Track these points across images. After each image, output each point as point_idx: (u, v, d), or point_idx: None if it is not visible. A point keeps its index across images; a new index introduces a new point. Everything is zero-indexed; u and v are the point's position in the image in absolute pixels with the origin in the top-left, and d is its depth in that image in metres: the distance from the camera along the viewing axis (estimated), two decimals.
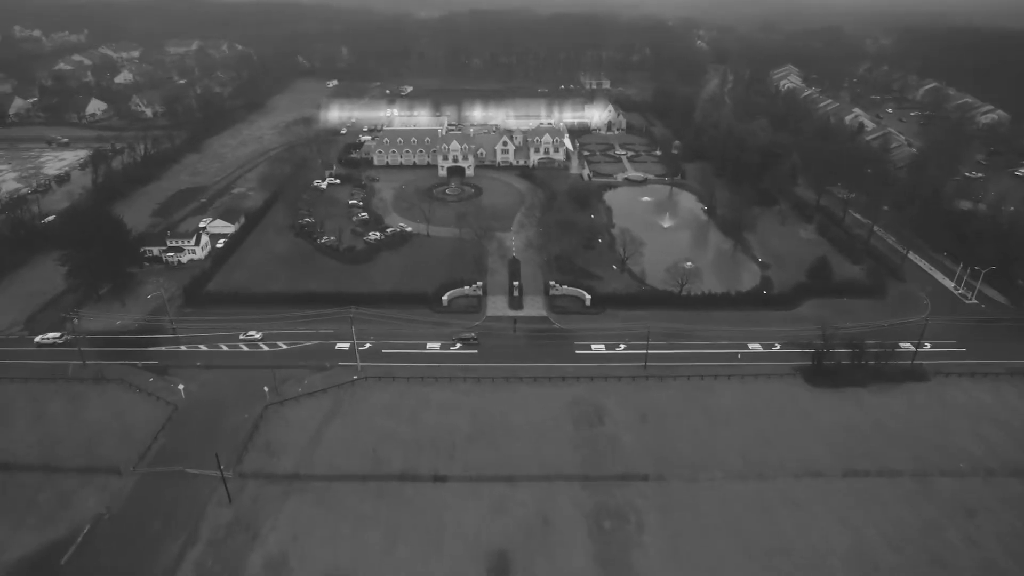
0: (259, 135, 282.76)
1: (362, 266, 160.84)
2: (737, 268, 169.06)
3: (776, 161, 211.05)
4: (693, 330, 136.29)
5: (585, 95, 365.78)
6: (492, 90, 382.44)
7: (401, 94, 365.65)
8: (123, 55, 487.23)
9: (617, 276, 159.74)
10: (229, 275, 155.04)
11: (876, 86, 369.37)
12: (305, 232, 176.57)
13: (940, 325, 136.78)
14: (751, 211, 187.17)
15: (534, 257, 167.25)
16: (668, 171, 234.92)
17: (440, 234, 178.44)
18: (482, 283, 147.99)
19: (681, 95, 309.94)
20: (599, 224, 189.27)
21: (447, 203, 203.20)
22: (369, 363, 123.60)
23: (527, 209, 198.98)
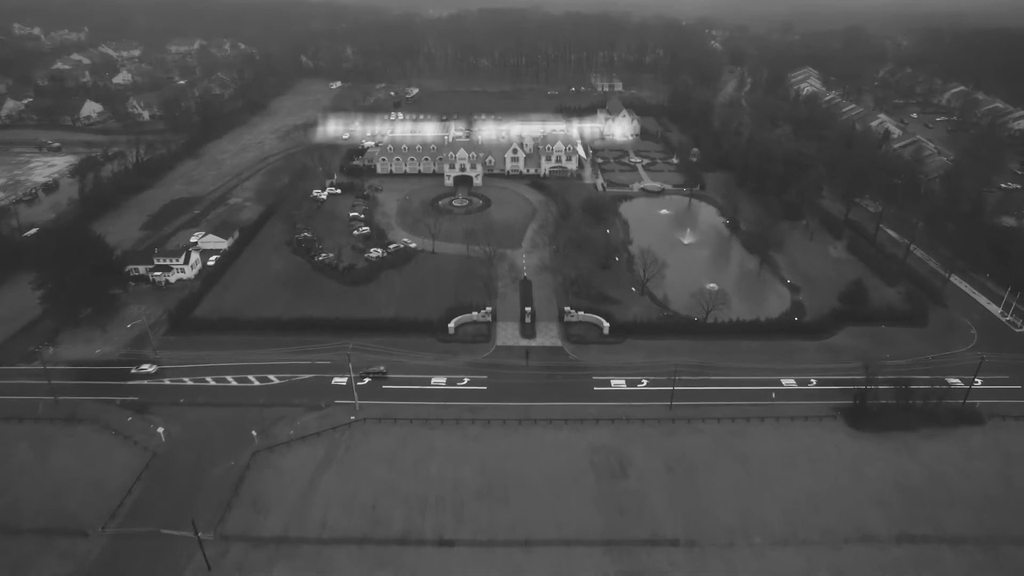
0: (260, 140, 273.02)
1: (363, 287, 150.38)
2: (763, 290, 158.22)
3: (802, 172, 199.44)
4: (721, 363, 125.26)
5: (597, 97, 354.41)
6: (500, 92, 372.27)
7: (407, 96, 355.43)
8: (123, 54, 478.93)
9: (637, 299, 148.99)
10: (220, 297, 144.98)
11: (899, 90, 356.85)
12: (303, 248, 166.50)
13: (990, 358, 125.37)
14: (778, 227, 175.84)
15: (547, 278, 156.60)
16: (687, 181, 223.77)
17: (446, 250, 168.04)
18: (491, 308, 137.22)
19: (698, 99, 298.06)
20: (615, 240, 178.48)
21: (454, 215, 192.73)
22: (368, 401, 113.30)
23: (539, 224, 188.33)
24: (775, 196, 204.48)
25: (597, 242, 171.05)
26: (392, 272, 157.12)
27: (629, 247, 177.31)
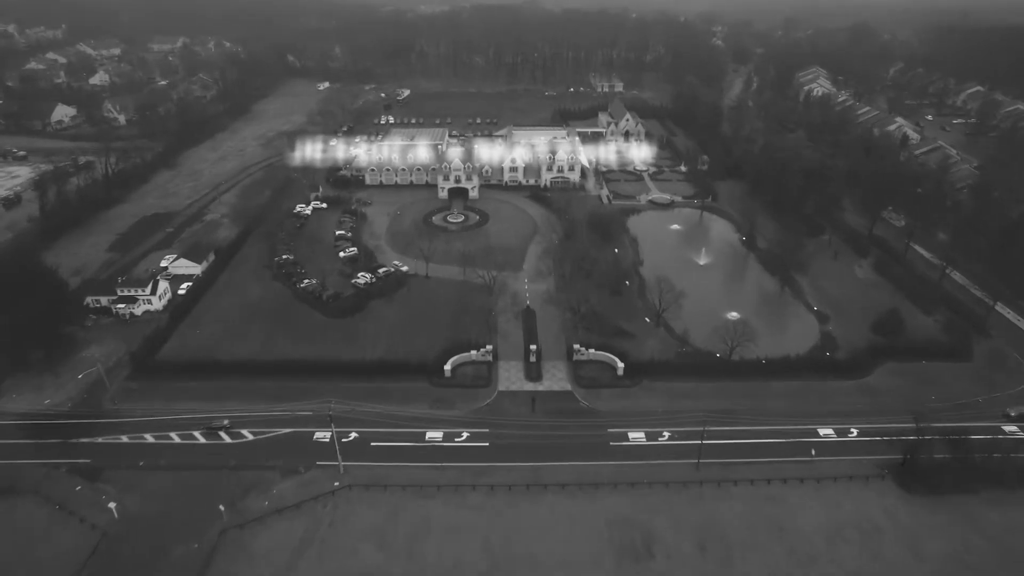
0: (241, 147, 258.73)
1: (349, 319, 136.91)
2: (787, 318, 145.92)
3: (824, 184, 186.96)
4: (750, 409, 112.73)
5: (597, 99, 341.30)
6: (496, 93, 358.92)
7: (398, 98, 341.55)
8: (103, 53, 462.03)
9: (652, 332, 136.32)
10: (190, 333, 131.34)
11: (911, 90, 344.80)
12: (284, 273, 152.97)
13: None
14: (801, 246, 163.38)
15: (553, 307, 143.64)
16: (697, 192, 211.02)
17: (441, 274, 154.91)
18: (492, 347, 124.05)
19: (704, 101, 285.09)
20: (625, 262, 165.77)
21: (449, 233, 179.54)
22: (354, 462, 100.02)
23: (542, 243, 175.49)
24: (792, 209, 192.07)
25: (605, 265, 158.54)
26: (381, 301, 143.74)
27: (640, 269, 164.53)
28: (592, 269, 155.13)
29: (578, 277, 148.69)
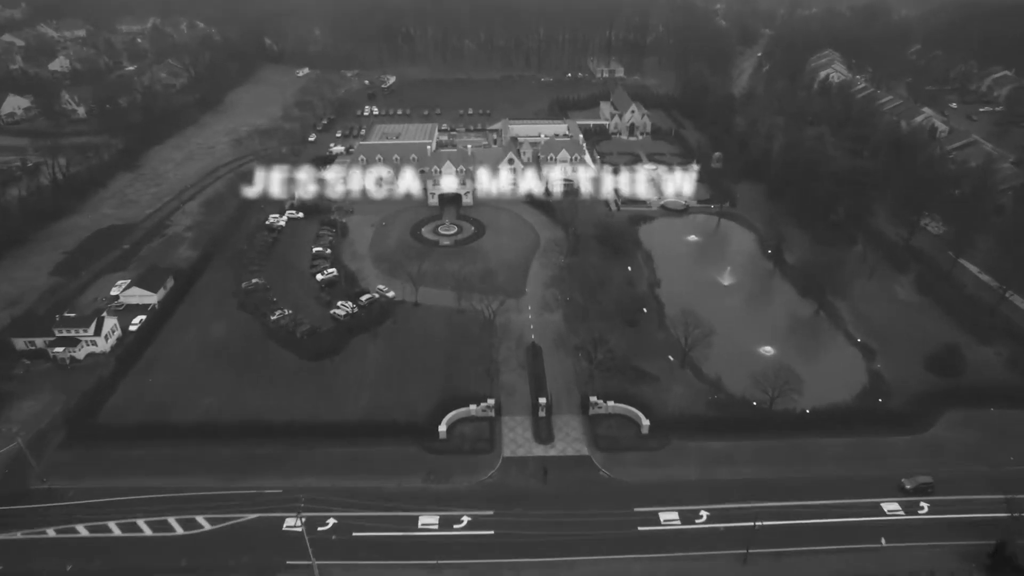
0: (211, 144, 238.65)
1: (328, 362, 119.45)
2: (826, 351, 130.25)
3: (858, 189, 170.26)
4: (799, 478, 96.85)
5: (597, 86, 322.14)
6: (488, 80, 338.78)
7: (383, 86, 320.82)
8: (65, 35, 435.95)
9: (676, 373, 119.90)
10: (140, 384, 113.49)
11: (931, 75, 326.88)
12: (253, 303, 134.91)
13: None
14: (838, 262, 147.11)
15: (561, 337, 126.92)
16: (713, 196, 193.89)
17: (433, 300, 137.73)
18: (494, 401, 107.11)
19: (715, 90, 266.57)
20: (640, 282, 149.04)
21: (440, 247, 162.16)
22: (333, 560, 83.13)
23: (545, 257, 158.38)
24: (820, 216, 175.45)
25: (618, 289, 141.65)
26: (365, 337, 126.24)
27: (657, 291, 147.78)
28: (603, 294, 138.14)
29: (589, 306, 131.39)
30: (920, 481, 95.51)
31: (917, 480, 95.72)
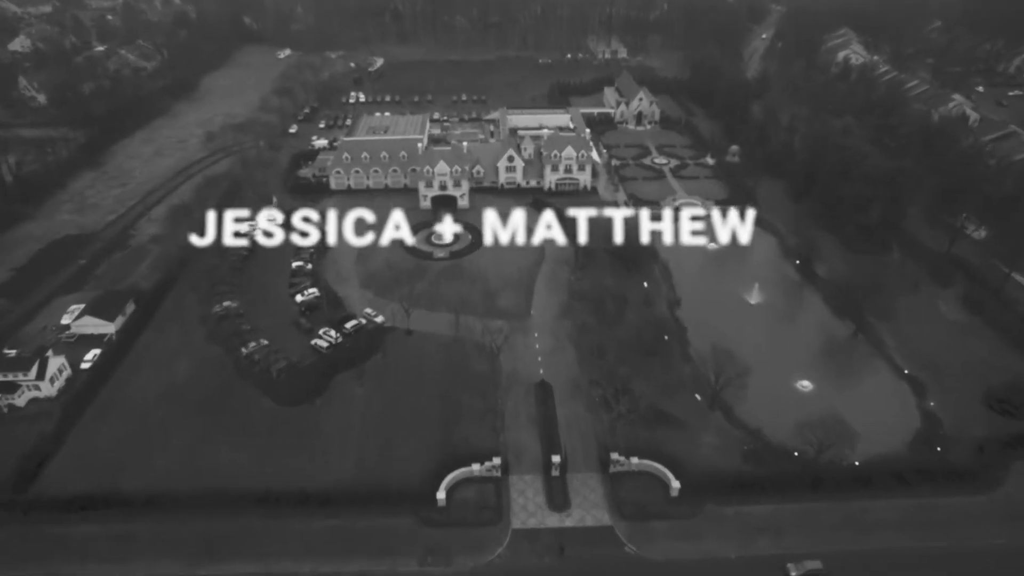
0: (183, 137, 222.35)
1: (308, 407, 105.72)
2: (869, 384, 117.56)
3: (897, 190, 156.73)
4: (853, 551, 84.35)
5: (599, 68, 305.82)
6: (482, 61, 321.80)
7: (370, 69, 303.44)
8: (29, 11, 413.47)
9: (705, 416, 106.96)
10: (89, 440, 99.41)
11: (955, 56, 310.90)
12: (223, 332, 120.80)
13: None
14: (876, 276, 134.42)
15: (573, 371, 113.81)
16: (732, 195, 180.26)
17: (427, 325, 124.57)
18: (500, 460, 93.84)
19: (727, 75, 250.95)
20: (658, 301, 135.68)
21: (434, 259, 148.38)
22: None
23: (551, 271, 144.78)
24: (851, 219, 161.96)
25: (635, 310, 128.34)
26: (350, 375, 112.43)
27: (678, 312, 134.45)
28: (618, 316, 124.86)
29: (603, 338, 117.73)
30: (808, 568, 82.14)
31: (804, 567, 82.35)
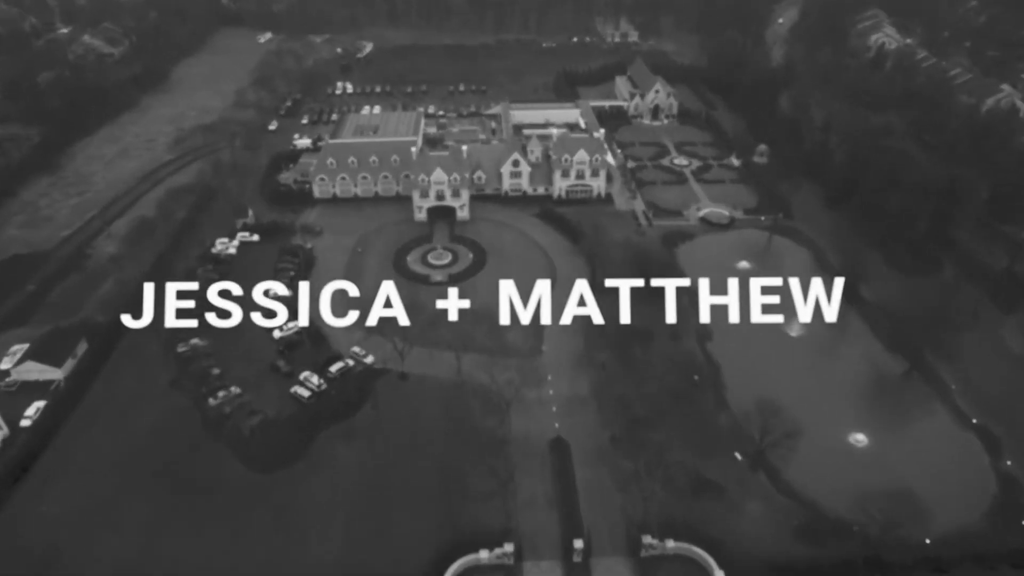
0: (151, 136, 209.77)
1: (286, 473, 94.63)
2: (928, 433, 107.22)
3: (953, 202, 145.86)
4: None
5: (608, 53, 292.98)
6: (481, 45, 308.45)
7: (358, 55, 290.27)
8: None
9: (748, 480, 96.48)
10: (23, 519, 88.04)
11: (995, 38, 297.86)
12: (190, 376, 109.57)
13: None
14: (933, 302, 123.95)
15: (592, 426, 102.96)
16: (761, 203, 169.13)
17: (425, 366, 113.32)
18: (513, 546, 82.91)
19: (752, 63, 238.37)
20: (686, 333, 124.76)
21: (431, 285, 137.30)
22: None
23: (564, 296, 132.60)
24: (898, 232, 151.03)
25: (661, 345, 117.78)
26: (336, 432, 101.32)
27: (708, 345, 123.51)
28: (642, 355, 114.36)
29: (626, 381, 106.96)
30: None
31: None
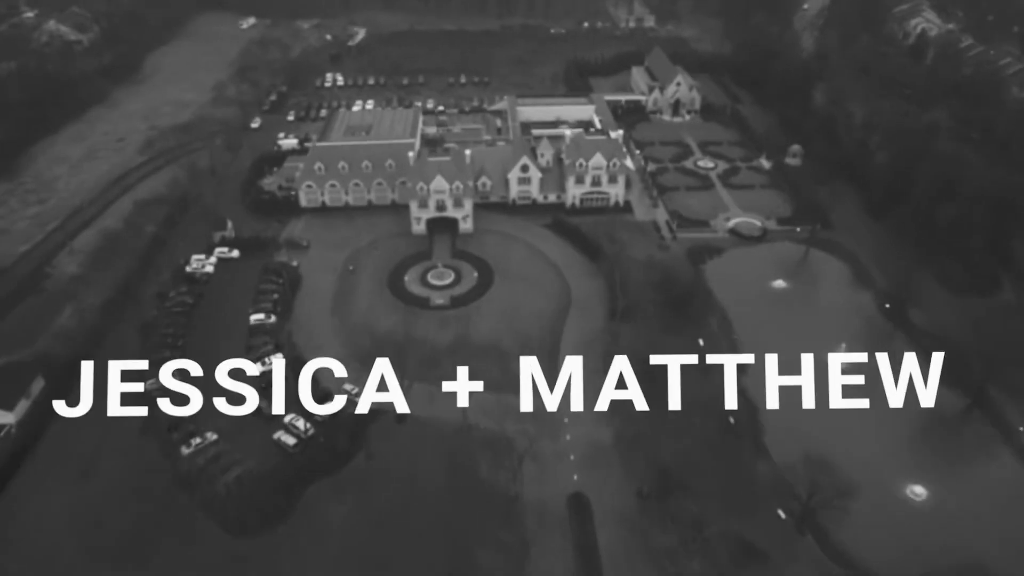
0: (122, 133, 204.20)
1: (268, 537, 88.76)
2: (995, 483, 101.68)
3: (1016, 213, 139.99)
4: None
5: (623, 40, 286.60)
6: (483, 32, 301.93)
7: (350, 43, 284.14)
8: None
9: (794, 543, 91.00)
10: None
11: None
12: (160, 420, 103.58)
13: None
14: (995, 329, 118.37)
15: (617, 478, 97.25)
16: (797, 210, 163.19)
17: (424, 405, 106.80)
18: None
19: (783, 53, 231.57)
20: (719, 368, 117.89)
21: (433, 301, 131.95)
22: None
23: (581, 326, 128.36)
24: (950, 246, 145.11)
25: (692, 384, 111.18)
26: (325, 486, 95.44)
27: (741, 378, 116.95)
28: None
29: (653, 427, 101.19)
30: None
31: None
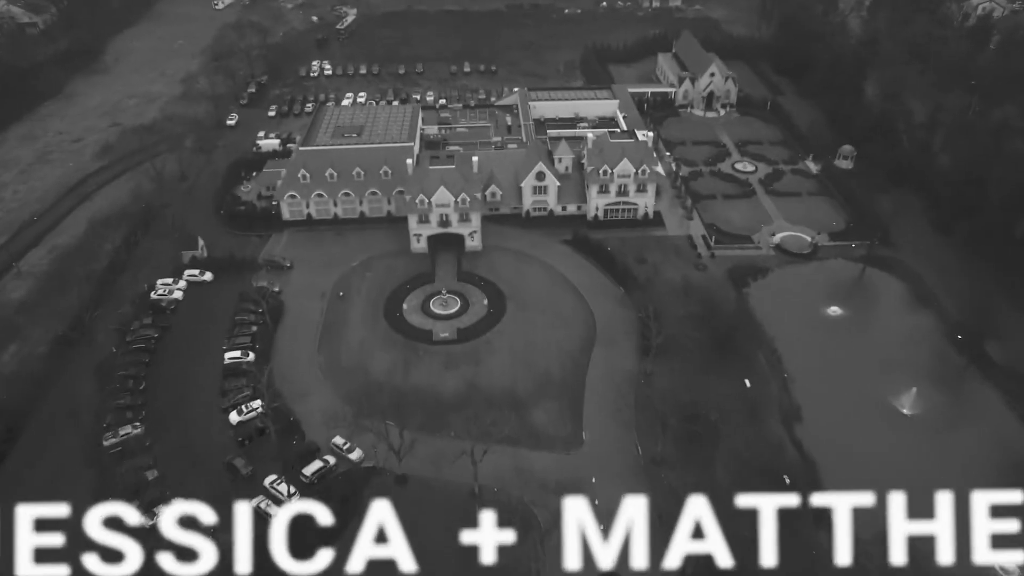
0: (79, 133, 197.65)
1: None
2: None
3: None
4: None
5: (647, 20, 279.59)
6: (490, 12, 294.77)
7: (339, 26, 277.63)
8: None
9: None
10: None
11: None
12: (119, 483, 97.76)
13: None
14: None
15: (654, 560, 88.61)
16: (851, 223, 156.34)
17: (427, 467, 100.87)
18: None
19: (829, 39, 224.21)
20: (767, 410, 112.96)
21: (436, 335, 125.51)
22: None
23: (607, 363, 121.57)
24: None
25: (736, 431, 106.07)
26: None
27: (797, 428, 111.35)
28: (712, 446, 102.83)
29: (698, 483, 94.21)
30: None
31: None
